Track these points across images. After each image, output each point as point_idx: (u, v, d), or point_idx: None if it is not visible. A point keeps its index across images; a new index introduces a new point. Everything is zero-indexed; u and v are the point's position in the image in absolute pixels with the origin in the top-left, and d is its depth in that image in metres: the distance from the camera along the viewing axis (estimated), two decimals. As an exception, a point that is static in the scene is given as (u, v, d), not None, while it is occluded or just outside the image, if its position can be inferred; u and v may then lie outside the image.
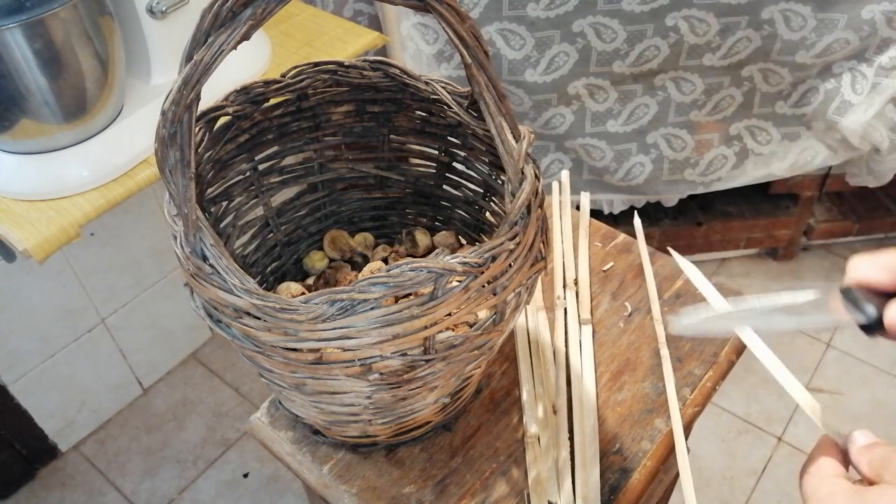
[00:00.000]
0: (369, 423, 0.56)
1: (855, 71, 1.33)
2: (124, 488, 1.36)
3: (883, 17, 1.23)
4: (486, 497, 0.58)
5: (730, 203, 1.68)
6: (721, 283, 0.74)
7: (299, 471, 0.61)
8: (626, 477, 0.59)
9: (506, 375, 0.67)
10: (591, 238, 0.79)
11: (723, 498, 1.33)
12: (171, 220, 0.45)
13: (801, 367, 1.54)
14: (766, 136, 1.46)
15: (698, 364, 0.67)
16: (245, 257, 0.64)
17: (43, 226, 0.81)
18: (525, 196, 0.45)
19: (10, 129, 0.82)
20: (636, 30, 1.26)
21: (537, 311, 0.71)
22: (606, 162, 1.45)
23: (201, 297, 0.45)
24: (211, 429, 1.45)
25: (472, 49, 0.44)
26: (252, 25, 0.39)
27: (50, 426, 1.35)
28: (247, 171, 0.61)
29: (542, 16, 1.24)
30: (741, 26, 1.27)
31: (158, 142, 0.41)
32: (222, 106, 0.54)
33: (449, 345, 0.47)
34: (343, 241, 0.69)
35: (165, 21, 0.90)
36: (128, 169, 0.88)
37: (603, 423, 0.63)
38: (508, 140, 0.47)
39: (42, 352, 1.26)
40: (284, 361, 0.45)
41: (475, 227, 0.67)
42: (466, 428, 0.63)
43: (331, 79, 0.58)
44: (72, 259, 1.22)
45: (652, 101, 1.39)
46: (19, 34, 0.74)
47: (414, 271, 0.41)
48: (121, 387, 1.45)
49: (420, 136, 0.64)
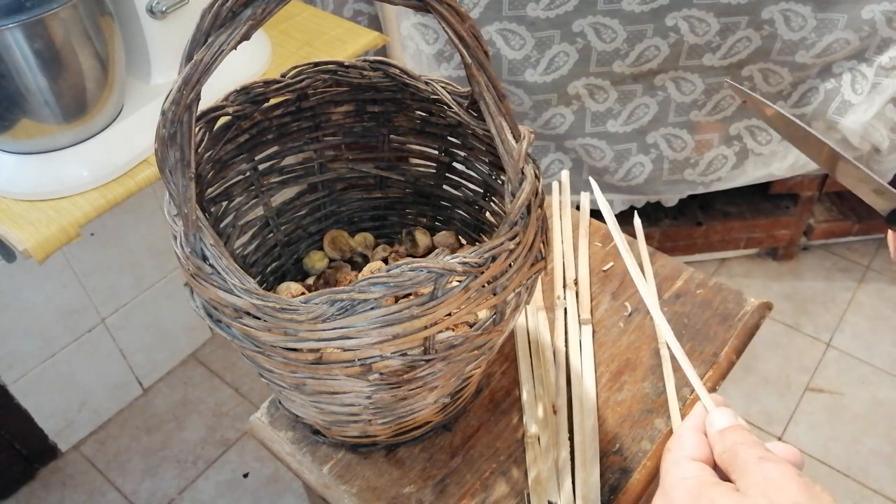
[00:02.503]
0: (369, 423, 0.56)
1: (855, 71, 1.33)
2: (124, 488, 1.36)
3: (883, 17, 1.23)
4: (486, 497, 0.58)
5: (730, 203, 1.68)
6: (721, 283, 0.74)
7: (299, 471, 0.61)
8: (626, 477, 0.59)
9: (506, 375, 0.67)
10: (591, 238, 0.79)
11: (723, 498, 1.33)
12: (171, 220, 0.45)
13: (801, 367, 1.54)
14: (767, 136, 1.47)
15: (698, 364, 0.67)
16: (245, 257, 0.64)
17: (43, 226, 0.81)
18: (525, 196, 0.45)
19: (10, 129, 0.82)
20: (636, 30, 1.26)
21: (537, 311, 0.71)
22: (606, 162, 1.45)
23: (201, 297, 0.45)
24: (211, 429, 1.45)
25: (472, 49, 0.44)
26: (252, 25, 0.39)
27: (50, 426, 1.35)
28: (247, 171, 0.61)
29: (542, 16, 1.24)
30: (741, 26, 1.27)
31: (158, 142, 0.41)
32: (222, 106, 0.54)
33: (449, 345, 0.47)
34: (343, 241, 0.69)
35: (165, 21, 0.90)
36: (128, 169, 0.88)
37: (603, 423, 0.63)
38: (508, 140, 0.47)
39: (42, 352, 1.26)
40: (284, 361, 0.45)
41: (475, 227, 0.67)
42: (466, 428, 0.63)
43: (331, 79, 0.58)
44: (72, 259, 1.22)
45: (652, 101, 1.39)
46: (19, 34, 0.74)
47: (414, 271, 0.41)
48: (121, 387, 1.45)
49: (420, 136, 0.64)
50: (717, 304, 0.72)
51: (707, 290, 0.73)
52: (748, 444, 0.36)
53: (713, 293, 0.73)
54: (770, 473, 0.34)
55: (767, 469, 0.34)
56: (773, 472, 0.34)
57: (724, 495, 0.34)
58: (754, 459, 0.35)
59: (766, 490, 0.33)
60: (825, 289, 1.71)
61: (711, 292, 0.73)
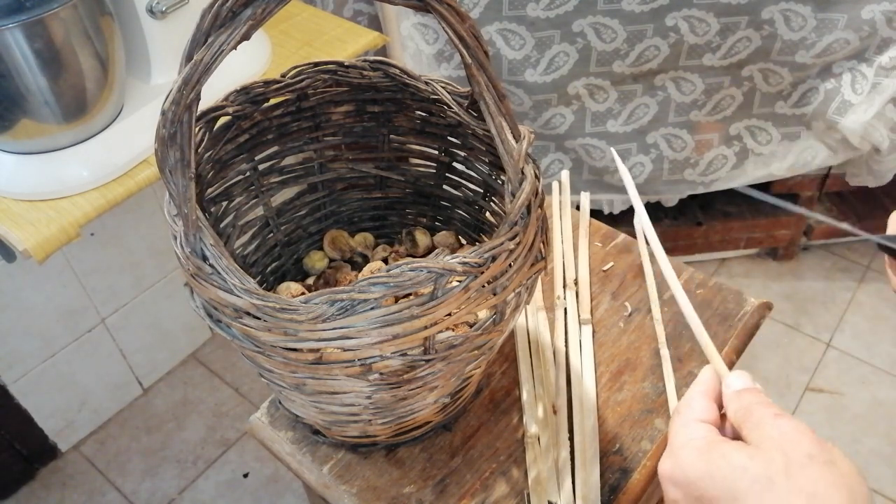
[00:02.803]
0: (369, 423, 0.56)
1: (855, 71, 1.33)
2: (124, 488, 1.36)
3: (883, 17, 1.23)
4: (486, 497, 0.58)
5: (730, 203, 1.68)
6: (721, 283, 0.74)
7: (299, 471, 0.61)
8: (626, 477, 0.59)
9: (506, 375, 0.67)
10: (591, 238, 0.79)
11: (723, 498, 1.33)
12: (171, 220, 0.45)
13: (801, 367, 1.54)
14: (766, 136, 1.46)
15: (698, 364, 0.67)
16: (245, 257, 0.64)
17: (43, 226, 0.81)
18: (525, 196, 0.45)
19: (10, 129, 0.82)
20: (636, 30, 1.26)
21: (537, 311, 0.71)
22: (606, 162, 1.45)
23: (201, 297, 0.45)
24: (211, 429, 1.45)
25: (472, 49, 0.44)
26: (252, 25, 0.39)
27: (50, 426, 1.35)
28: (247, 171, 0.61)
29: (542, 16, 1.24)
30: (741, 26, 1.27)
31: (158, 142, 0.41)
32: (222, 106, 0.54)
33: (449, 345, 0.47)
34: (343, 241, 0.69)
35: (165, 21, 0.90)
36: (128, 169, 0.88)
37: (603, 423, 0.63)
38: (508, 140, 0.47)
39: (42, 352, 1.26)
40: (284, 361, 0.45)
41: (475, 227, 0.67)
42: (466, 428, 0.63)
43: (331, 79, 0.58)
44: (72, 259, 1.22)
45: (652, 101, 1.39)
46: (19, 34, 0.74)
47: (414, 271, 0.41)
48: (121, 387, 1.45)
49: (420, 136, 0.64)
50: (717, 304, 0.72)
51: (707, 290, 0.73)
52: (764, 403, 0.37)
53: (713, 293, 0.73)
54: (785, 428, 0.34)
55: (782, 424, 0.35)
56: (787, 427, 0.34)
57: (735, 449, 0.34)
58: (770, 416, 0.35)
59: (780, 443, 0.33)
60: (825, 289, 1.70)
61: (711, 292, 0.73)
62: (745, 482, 0.33)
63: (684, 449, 0.36)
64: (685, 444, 0.36)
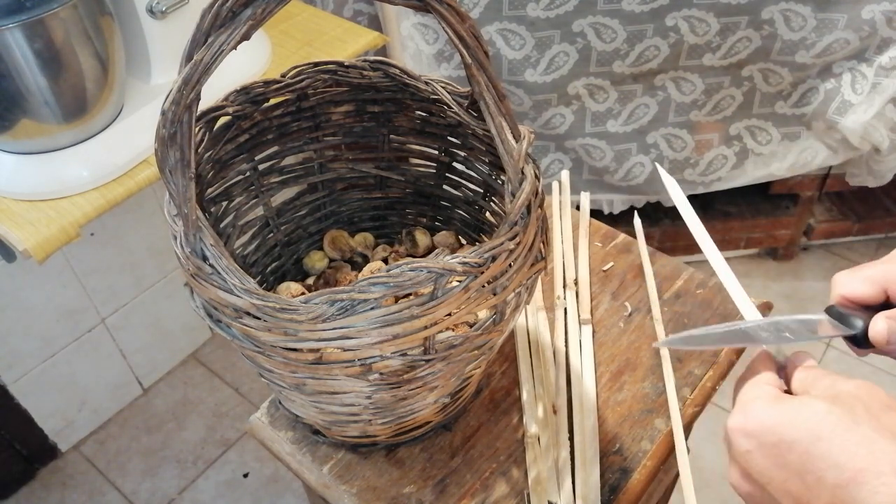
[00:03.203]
0: (369, 423, 0.56)
1: (855, 71, 1.33)
2: (124, 488, 1.36)
3: (883, 17, 1.23)
4: (486, 497, 0.58)
5: (730, 203, 1.68)
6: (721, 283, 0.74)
7: (299, 471, 0.61)
8: (626, 477, 0.59)
9: (506, 375, 0.67)
10: (591, 238, 0.79)
11: (723, 498, 1.33)
12: (171, 220, 0.45)
13: (801, 367, 1.54)
14: (766, 136, 1.46)
15: (698, 364, 0.67)
16: (245, 257, 0.64)
17: (43, 226, 0.81)
18: (525, 196, 0.45)
19: (10, 129, 0.82)
20: (636, 30, 1.26)
21: (537, 311, 0.71)
22: (606, 162, 1.45)
23: (201, 297, 0.45)
24: (211, 429, 1.45)
25: (472, 49, 0.44)
26: (252, 25, 0.39)
27: (50, 426, 1.35)
28: (247, 171, 0.61)
29: (542, 16, 1.24)
30: (741, 26, 1.27)
31: (158, 142, 0.41)
32: (222, 106, 0.54)
33: (449, 345, 0.47)
34: (343, 241, 0.69)
35: (165, 21, 0.90)
36: (128, 169, 0.88)
37: (603, 423, 0.63)
38: (508, 140, 0.47)
39: (42, 352, 1.26)
40: (284, 361, 0.45)
41: (475, 227, 0.67)
42: (466, 428, 0.63)
43: (331, 79, 0.58)
44: (72, 259, 1.22)
45: (652, 101, 1.39)
46: (19, 34, 0.74)
47: (414, 271, 0.41)
48: (121, 387, 1.45)
49: (420, 136, 0.64)
50: (717, 303, 0.72)
51: (707, 290, 0.73)
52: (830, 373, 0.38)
53: (713, 293, 0.73)
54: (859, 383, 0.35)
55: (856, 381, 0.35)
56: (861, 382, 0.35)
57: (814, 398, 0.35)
58: (841, 378, 0.36)
59: (857, 394, 0.34)
60: (825, 289, 1.69)
61: (711, 292, 0.73)
62: (829, 423, 0.33)
63: (757, 401, 0.36)
64: (757, 397, 0.37)
